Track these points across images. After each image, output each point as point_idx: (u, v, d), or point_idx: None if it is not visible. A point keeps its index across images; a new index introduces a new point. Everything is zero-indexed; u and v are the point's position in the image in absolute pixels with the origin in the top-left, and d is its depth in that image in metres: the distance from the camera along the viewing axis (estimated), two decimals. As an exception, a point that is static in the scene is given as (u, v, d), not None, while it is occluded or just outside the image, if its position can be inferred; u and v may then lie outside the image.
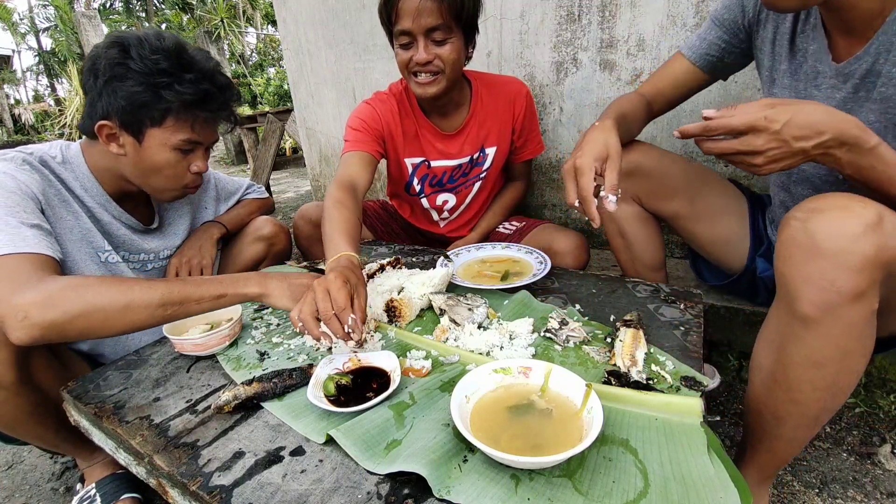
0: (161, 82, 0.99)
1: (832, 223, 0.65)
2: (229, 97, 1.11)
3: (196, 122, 1.06)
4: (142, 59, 0.98)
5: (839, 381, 0.71)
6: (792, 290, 0.70)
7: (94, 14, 6.69)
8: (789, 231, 0.70)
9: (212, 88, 1.05)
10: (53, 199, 1.04)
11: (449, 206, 1.61)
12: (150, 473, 0.73)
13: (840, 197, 0.69)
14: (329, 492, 0.62)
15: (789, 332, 0.72)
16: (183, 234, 1.32)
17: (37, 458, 1.39)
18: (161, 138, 1.04)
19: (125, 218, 1.17)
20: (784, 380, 0.75)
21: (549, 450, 0.61)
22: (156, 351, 1.01)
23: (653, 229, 1.23)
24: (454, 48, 1.23)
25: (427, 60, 1.23)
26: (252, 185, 1.57)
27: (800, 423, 0.77)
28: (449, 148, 1.48)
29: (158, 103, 1.00)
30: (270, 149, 3.95)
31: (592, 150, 0.87)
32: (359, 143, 1.38)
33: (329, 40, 2.38)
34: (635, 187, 1.16)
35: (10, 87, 17.30)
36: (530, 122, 1.52)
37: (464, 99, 1.45)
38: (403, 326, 1.02)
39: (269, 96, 9.92)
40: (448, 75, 1.27)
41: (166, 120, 1.02)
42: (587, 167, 0.85)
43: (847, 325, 0.66)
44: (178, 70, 1.00)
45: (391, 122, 1.43)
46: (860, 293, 0.64)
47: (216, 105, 1.07)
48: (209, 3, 11.35)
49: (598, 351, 0.87)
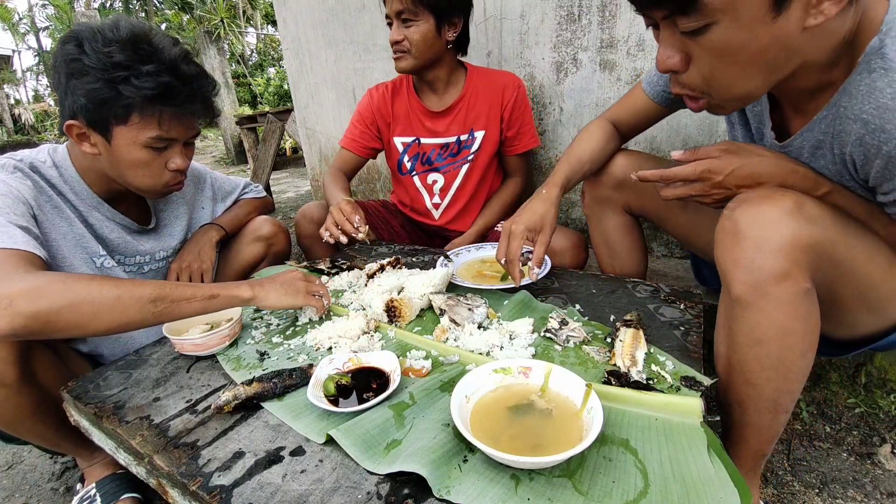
0: (117, 76, 0.92)
1: (754, 211, 0.72)
2: (198, 88, 1.02)
3: (163, 118, 0.99)
4: (95, 53, 0.91)
5: (784, 358, 0.74)
6: (726, 274, 0.75)
7: (94, 14, 6.69)
8: (721, 221, 0.76)
9: (173, 80, 0.96)
10: (46, 206, 1.03)
11: (439, 185, 1.67)
12: (150, 473, 0.73)
13: (766, 188, 0.77)
14: (329, 492, 0.62)
15: (732, 314, 0.76)
16: (179, 234, 1.30)
17: (37, 458, 1.39)
18: (129, 136, 0.98)
19: (119, 218, 1.15)
20: (736, 362, 0.79)
21: (549, 450, 0.61)
22: (156, 351, 1.01)
23: (637, 239, 1.26)
24: (419, 30, 1.38)
25: (395, 40, 1.41)
26: (249, 185, 1.55)
27: (759, 406, 0.79)
28: (436, 126, 1.59)
29: (119, 100, 0.93)
30: (270, 149, 3.95)
31: (528, 220, 1.03)
32: (351, 140, 1.65)
33: (329, 40, 2.38)
34: (625, 197, 1.18)
35: (10, 87, 17.30)
36: (521, 114, 1.57)
37: (456, 81, 1.56)
38: (403, 326, 1.02)
39: (269, 96, 9.93)
40: (414, 54, 1.41)
41: (131, 117, 0.96)
42: (518, 234, 1.01)
43: (778, 304, 0.70)
44: (135, 62, 0.93)
45: (382, 108, 1.62)
46: (785, 273, 0.69)
47: (181, 98, 0.99)
48: (209, 3, 11.34)
49: (598, 351, 0.87)
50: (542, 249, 1.02)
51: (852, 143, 0.71)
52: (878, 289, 0.77)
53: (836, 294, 0.77)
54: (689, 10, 0.62)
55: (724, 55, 0.66)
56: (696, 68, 0.70)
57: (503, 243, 1.05)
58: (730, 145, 0.84)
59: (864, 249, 0.75)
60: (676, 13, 0.64)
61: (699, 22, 0.63)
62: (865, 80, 0.66)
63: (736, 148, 0.83)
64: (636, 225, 1.25)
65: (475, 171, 1.63)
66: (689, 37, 0.66)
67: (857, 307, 0.81)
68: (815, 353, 0.76)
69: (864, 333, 0.85)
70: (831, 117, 0.74)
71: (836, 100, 0.72)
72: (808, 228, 0.69)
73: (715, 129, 1.64)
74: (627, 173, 1.13)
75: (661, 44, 0.71)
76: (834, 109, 0.73)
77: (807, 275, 0.70)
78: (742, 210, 0.73)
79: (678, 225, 1.18)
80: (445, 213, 1.71)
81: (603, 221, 1.24)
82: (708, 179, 0.83)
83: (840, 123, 0.73)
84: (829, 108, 0.74)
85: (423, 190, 1.70)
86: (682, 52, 0.70)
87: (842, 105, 0.71)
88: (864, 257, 0.75)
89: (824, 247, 0.71)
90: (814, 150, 0.80)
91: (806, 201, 0.72)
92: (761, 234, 0.70)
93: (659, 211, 1.17)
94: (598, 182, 1.19)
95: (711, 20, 0.62)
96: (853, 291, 0.78)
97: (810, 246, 0.69)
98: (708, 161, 0.83)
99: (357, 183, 2.66)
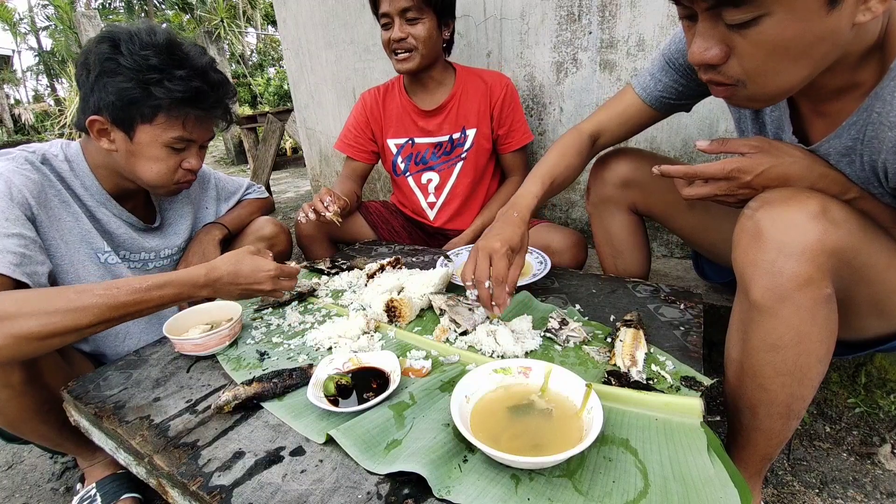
0: (151, 78, 0.97)
1: (777, 212, 0.70)
2: (223, 94, 1.09)
3: (188, 120, 1.04)
4: (132, 55, 0.96)
5: (800, 364, 0.73)
6: (745, 278, 0.73)
7: (94, 14, 6.68)
8: (741, 221, 0.74)
9: (203, 86, 1.02)
10: (53, 200, 1.04)
11: (434, 184, 1.68)
12: (150, 473, 0.73)
13: (789, 190, 0.74)
14: (329, 492, 0.62)
15: (748, 318, 0.75)
16: (184, 233, 1.32)
17: (37, 458, 1.39)
18: (152, 135, 1.02)
19: (125, 216, 1.17)
20: (749, 367, 0.77)
21: (549, 450, 0.61)
22: (156, 351, 1.01)
23: (641, 239, 1.24)
24: (425, 27, 1.40)
25: (401, 38, 1.40)
26: (252, 185, 1.57)
27: (771, 411, 0.78)
28: (428, 125, 1.61)
29: (149, 100, 0.98)
30: (270, 149, 3.95)
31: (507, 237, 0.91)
32: (349, 146, 1.69)
33: (329, 40, 2.38)
34: (631, 196, 1.16)
35: (10, 87, 17.30)
36: (511, 111, 1.58)
37: (447, 80, 1.59)
38: (403, 326, 1.02)
39: (269, 96, 9.92)
40: (421, 51, 1.42)
41: (157, 117, 1.01)
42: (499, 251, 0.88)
43: (797, 309, 0.69)
44: (169, 66, 0.98)
45: (375, 111, 1.65)
46: (808, 279, 0.67)
47: (209, 103, 1.05)
48: (209, 3, 11.34)
49: (598, 351, 0.87)
50: (516, 272, 0.90)
51: (887, 150, 0.69)
52: (893, 296, 0.76)
53: (850, 298, 0.76)
54: (740, 2, 0.59)
55: (775, 48, 0.62)
56: (737, 61, 0.66)
57: (470, 262, 0.91)
58: (762, 142, 0.79)
59: (884, 256, 0.73)
60: (725, 4, 0.60)
61: (750, 14, 0.59)
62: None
63: (768, 146, 0.78)
64: (641, 224, 1.23)
65: (469, 169, 1.64)
66: (736, 29, 0.62)
67: (868, 312, 0.79)
68: (830, 359, 0.74)
69: (871, 336, 0.84)
70: (862, 123, 0.72)
71: (869, 105, 0.70)
72: (833, 233, 0.67)
73: (715, 129, 1.64)
74: (634, 172, 1.12)
75: (699, 35, 0.66)
76: (865, 115, 0.71)
77: (829, 280, 0.69)
78: (765, 211, 0.71)
79: (685, 224, 1.16)
80: (441, 214, 1.71)
81: (607, 221, 1.22)
82: (736, 179, 0.78)
83: (872, 130, 0.71)
84: (860, 114, 0.72)
85: (417, 191, 1.71)
86: (723, 44, 0.65)
87: (875, 111, 0.69)
88: (884, 264, 0.73)
89: (846, 252, 0.69)
90: (841, 157, 0.78)
91: (831, 204, 0.69)
92: (784, 238, 0.68)
93: (666, 210, 1.15)
94: (603, 181, 1.17)
95: (764, 11, 0.59)
96: (867, 297, 0.77)
97: (834, 251, 0.67)
98: (738, 160, 0.78)
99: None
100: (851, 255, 0.70)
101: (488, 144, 1.62)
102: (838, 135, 0.76)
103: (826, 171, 0.78)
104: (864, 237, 0.71)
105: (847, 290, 0.74)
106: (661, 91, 1.02)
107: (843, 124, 0.74)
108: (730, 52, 0.66)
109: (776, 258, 0.68)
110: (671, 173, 0.84)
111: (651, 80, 1.03)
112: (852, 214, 0.71)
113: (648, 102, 1.05)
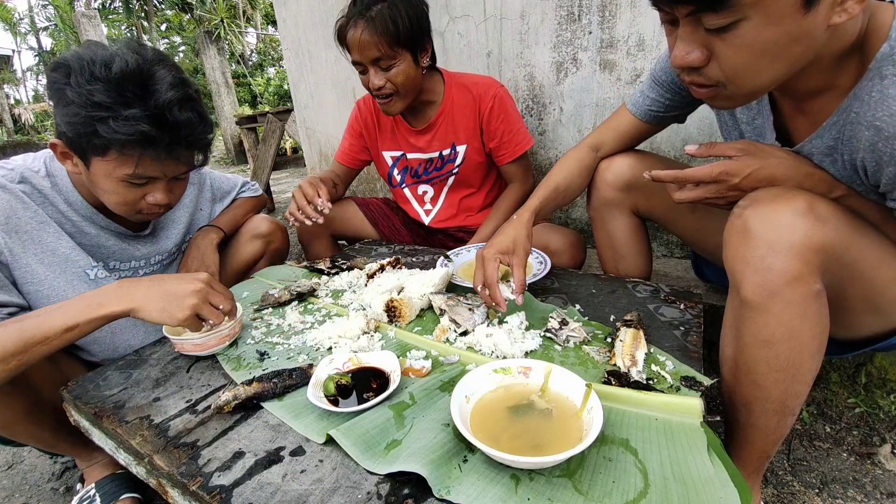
0: (95, 116, 0.88)
1: (765, 211, 0.71)
2: (185, 135, 0.95)
3: (142, 160, 0.94)
4: (78, 87, 0.88)
5: (793, 360, 0.73)
6: (736, 275, 0.74)
7: (94, 14, 6.68)
8: (731, 220, 0.76)
9: (152, 130, 0.90)
10: (29, 223, 1.01)
11: (429, 196, 1.69)
12: (150, 473, 0.73)
13: (777, 189, 0.76)
14: (329, 492, 0.62)
15: (740, 315, 0.76)
16: (176, 237, 1.29)
17: (37, 458, 1.39)
18: (105, 169, 0.94)
19: (113, 227, 1.13)
20: (743, 363, 0.78)
21: (549, 450, 0.61)
22: (156, 351, 1.01)
23: (643, 241, 1.25)
24: (400, 70, 1.34)
25: (379, 86, 1.36)
26: (247, 183, 1.55)
27: (766, 407, 0.79)
28: (418, 142, 1.59)
29: (95, 136, 0.89)
30: (270, 149, 3.95)
31: (499, 244, 1.00)
32: (343, 153, 1.69)
33: (329, 40, 2.38)
34: (633, 198, 1.17)
35: (10, 87, 17.31)
36: (501, 122, 1.50)
37: (435, 95, 1.53)
38: (403, 326, 1.02)
39: (269, 96, 9.93)
40: (402, 93, 1.39)
41: (109, 152, 0.92)
42: (490, 258, 0.97)
43: (788, 305, 0.70)
44: (118, 104, 0.88)
45: (368, 121, 1.63)
46: (797, 275, 0.69)
47: (162, 145, 0.93)
48: (209, 3, 11.34)
49: (598, 351, 0.87)
50: (521, 272, 0.96)
51: (864, 149, 0.70)
52: (885, 292, 0.77)
53: (842, 295, 0.77)
54: (719, 7, 0.61)
55: (752, 51, 0.64)
56: (717, 64, 0.68)
57: (478, 270, 0.99)
58: (747, 145, 0.81)
59: (875, 252, 0.74)
60: (705, 10, 0.62)
61: (728, 18, 0.62)
62: (878, 87, 0.66)
63: (754, 148, 0.81)
64: (642, 227, 1.24)
65: (462, 183, 1.63)
66: (716, 33, 0.64)
67: (863, 309, 0.80)
68: (823, 355, 0.75)
69: (867, 335, 0.85)
70: (842, 123, 0.73)
71: (847, 105, 0.71)
72: (820, 229, 0.68)
73: (714, 130, 1.64)
74: (636, 174, 1.12)
75: (681, 40, 0.69)
76: (845, 115, 0.72)
77: (818, 276, 0.70)
78: (753, 210, 0.72)
79: (686, 227, 1.17)
80: (435, 221, 1.72)
81: (609, 223, 1.22)
82: (724, 181, 0.81)
83: (851, 129, 0.72)
84: (840, 114, 0.73)
85: (413, 200, 1.72)
86: (704, 48, 0.68)
87: (853, 111, 0.70)
88: (875, 260, 0.74)
89: (835, 248, 0.70)
90: (824, 156, 0.79)
91: (818, 202, 0.71)
92: (773, 235, 0.69)
93: (668, 212, 1.16)
94: (604, 184, 1.18)
95: (742, 16, 0.61)
96: (860, 293, 0.77)
97: (822, 247, 0.69)
98: (726, 163, 0.80)
99: (357, 183, 2.66)
100: (841, 251, 0.71)
101: (481, 158, 1.58)
102: (820, 135, 0.77)
103: (812, 171, 0.79)
104: (853, 233, 0.72)
105: (839, 286, 0.75)
106: (650, 105, 1.09)
107: (824, 124, 0.76)
108: (710, 55, 0.68)
109: (765, 255, 0.69)
110: (662, 178, 0.87)
111: (641, 97, 1.10)
112: (840, 211, 0.73)
113: (639, 117, 1.12)
